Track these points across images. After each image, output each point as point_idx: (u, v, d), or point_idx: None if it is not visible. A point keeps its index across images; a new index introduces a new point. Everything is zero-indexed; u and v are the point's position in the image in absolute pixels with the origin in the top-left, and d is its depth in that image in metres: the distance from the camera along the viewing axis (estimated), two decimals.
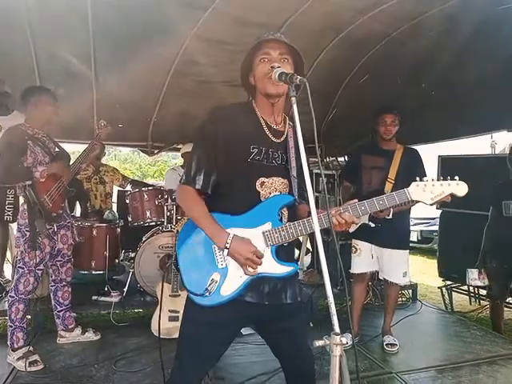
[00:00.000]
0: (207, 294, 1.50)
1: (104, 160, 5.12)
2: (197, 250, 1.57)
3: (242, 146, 1.55)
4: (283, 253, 1.58)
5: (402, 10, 3.13)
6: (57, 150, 3.11)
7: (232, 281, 1.52)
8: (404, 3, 3.04)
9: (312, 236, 4.08)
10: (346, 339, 1.20)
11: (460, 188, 1.50)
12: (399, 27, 3.47)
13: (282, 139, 1.63)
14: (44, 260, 2.93)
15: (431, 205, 1.55)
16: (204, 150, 1.56)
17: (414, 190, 1.51)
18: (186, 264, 1.57)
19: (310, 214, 1.54)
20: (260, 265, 1.50)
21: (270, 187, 1.57)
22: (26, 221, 2.82)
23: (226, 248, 1.48)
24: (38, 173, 2.83)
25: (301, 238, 4.67)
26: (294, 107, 1.38)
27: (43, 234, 2.84)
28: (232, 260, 1.52)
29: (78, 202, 4.85)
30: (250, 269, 1.50)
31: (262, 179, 1.56)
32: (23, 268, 2.84)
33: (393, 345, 3.20)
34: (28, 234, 2.82)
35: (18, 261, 2.87)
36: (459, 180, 1.50)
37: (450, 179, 1.50)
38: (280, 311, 1.61)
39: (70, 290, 3.24)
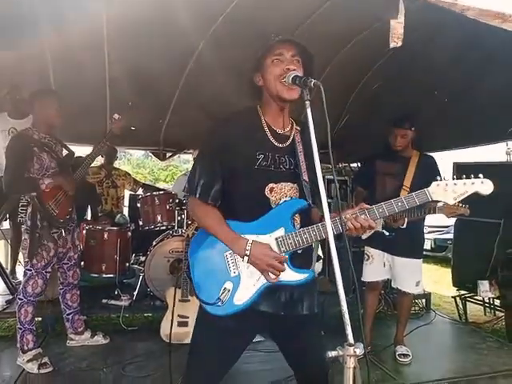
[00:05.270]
0: (220, 303, 1.47)
1: (116, 164, 5.15)
2: (209, 258, 1.54)
3: (248, 154, 1.52)
4: (298, 259, 1.53)
5: (415, 18, 3.09)
6: (65, 152, 3.09)
7: (245, 289, 1.48)
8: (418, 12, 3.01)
9: (323, 242, 4.03)
10: (359, 349, 1.16)
11: (485, 186, 1.43)
12: (412, 35, 3.42)
13: (287, 144, 1.59)
14: (51, 262, 2.91)
15: (453, 206, 1.48)
16: (208, 162, 1.55)
17: (435, 189, 1.44)
18: (198, 273, 1.55)
19: (322, 218, 1.50)
20: (283, 271, 1.45)
21: (280, 193, 1.54)
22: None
23: (245, 255, 1.44)
24: (43, 185, 2.80)
25: (312, 244, 4.63)
26: (308, 111, 1.36)
27: (48, 238, 2.83)
28: (244, 268, 1.48)
29: (89, 206, 4.89)
30: (272, 275, 1.45)
31: (271, 185, 1.53)
32: (31, 270, 2.82)
33: (405, 355, 3.13)
34: (36, 235, 2.81)
35: (26, 263, 2.86)
36: (484, 178, 1.43)
37: (474, 177, 1.44)
38: (295, 322, 1.57)
39: (78, 292, 3.22)
